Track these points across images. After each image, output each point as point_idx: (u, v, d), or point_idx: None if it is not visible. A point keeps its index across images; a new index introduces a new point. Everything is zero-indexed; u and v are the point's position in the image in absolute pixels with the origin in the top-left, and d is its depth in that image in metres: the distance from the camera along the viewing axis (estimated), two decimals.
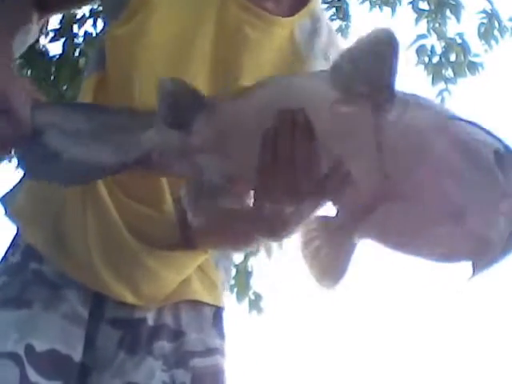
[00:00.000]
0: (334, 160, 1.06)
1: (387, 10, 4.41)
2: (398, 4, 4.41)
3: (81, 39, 4.12)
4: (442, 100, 4.33)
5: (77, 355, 1.40)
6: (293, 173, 1.08)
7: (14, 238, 1.50)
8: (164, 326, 1.46)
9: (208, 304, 1.51)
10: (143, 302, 1.44)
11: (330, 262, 1.11)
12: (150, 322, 1.45)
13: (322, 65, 1.40)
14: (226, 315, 1.55)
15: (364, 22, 4.64)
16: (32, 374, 1.34)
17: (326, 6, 4.56)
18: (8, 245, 1.50)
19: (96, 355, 1.42)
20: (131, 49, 1.35)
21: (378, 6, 4.42)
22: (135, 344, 1.43)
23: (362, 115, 1.06)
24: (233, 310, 4.39)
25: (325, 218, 1.12)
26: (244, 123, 1.14)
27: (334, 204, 1.11)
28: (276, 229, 1.24)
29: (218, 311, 1.52)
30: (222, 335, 1.52)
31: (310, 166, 1.08)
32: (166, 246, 1.43)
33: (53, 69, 4.06)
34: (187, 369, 1.45)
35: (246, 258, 4.36)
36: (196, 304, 1.50)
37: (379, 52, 1.04)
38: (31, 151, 1.27)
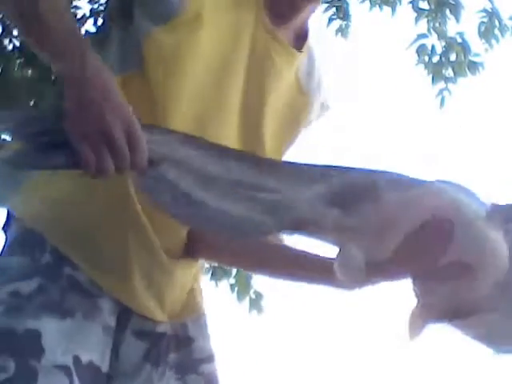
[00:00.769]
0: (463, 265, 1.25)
1: (387, 9, 4.41)
2: (398, 3, 4.40)
3: None
4: (442, 100, 4.33)
5: (105, 366, 1.41)
6: (418, 265, 1.28)
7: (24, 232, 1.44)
8: (176, 337, 1.52)
9: (204, 312, 1.58)
10: (166, 317, 1.50)
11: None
12: (168, 334, 1.51)
13: (317, 98, 1.60)
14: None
15: (364, 22, 4.65)
16: None
17: (326, 5, 4.56)
18: (16, 235, 1.44)
19: (118, 365, 1.44)
20: (179, 56, 1.39)
21: (378, 6, 4.42)
22: (159, 357, 1.48)
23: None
24: (233, 309, 4.40)
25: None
26: (401, 218, 1.25)
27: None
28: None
29: (206, 318, 1.59)
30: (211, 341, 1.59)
31: (435, 262, 1.27)
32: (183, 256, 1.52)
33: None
34: (198, 374, 1.51)
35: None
36: (198, 313, 1.58)
37: None
38: (152, 181, 1.26)
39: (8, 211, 1.50)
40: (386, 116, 5.77)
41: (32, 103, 4.11)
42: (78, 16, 4.12)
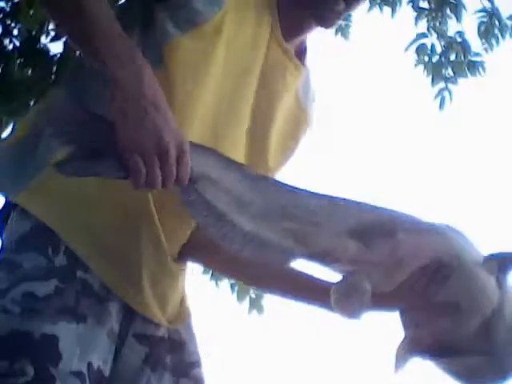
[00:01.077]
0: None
1: (387, 9, 4.40)
2: (398, 3, 4.40)
3: None
4: (442, 100, 4.32)
5: (108, 370, 1.41)
6: (412, 301, 1.39)
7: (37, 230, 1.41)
8: (171, 341, 1.53)
9: (191, 317, 1.60)
10: (165, 321, 1.51)
11: None
12: (165, 337, 1.53)
13: (312, 113, 1.66)
14: None
15: (364, 21, 4.64)
16: None
17: None
18: (25, 231, 1.40)
19: (117, 368, 1.44)
20: (199, 64, 1.42)
21: (377, 6, 4.41)
22: (158, 360, 1.50)
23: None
24: (233, 309, 4.40)
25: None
26: (412, 258, 1.37)
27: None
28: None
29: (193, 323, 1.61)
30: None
31: (427, 301, 1.39)
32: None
33: (54, 68, 4.06)
34: (190, 378, 1.53)
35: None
36: (189, 318, 1.60)
37: None
38: (190, 197, 1.30)
39: (7, 204, 1.47)
40: (385, 117, 5.76)
41: (32, 103, 4.11)
42: None
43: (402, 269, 1.36)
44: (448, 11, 4.38)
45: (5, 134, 3.81)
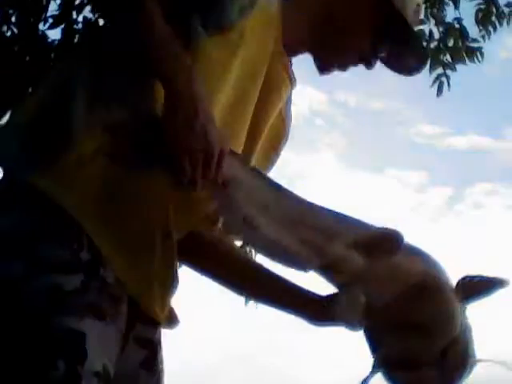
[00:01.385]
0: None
1: None
2: None
3: (80, 25, 4.11)
4: (440, 85, 4.33)
5: (113, 371, 1.36)
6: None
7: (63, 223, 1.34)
8: (159, 342, 1.54)
9: None
10: (163, 322, 1.52)
11: None
12: (160, 340, 1.54)
13: (289, 128, 1.68)
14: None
15: None
16: None
17: None
18: (41, 217, 1.33)
19: (116, 368, 1.41)
20: (219, 68, 1.45)
21: None
22: (153, 363, 1.50)
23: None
24: (230, 301, 4.39)
25: None
26: (404, 276, 1.44)
27: None
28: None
29: None
30: None
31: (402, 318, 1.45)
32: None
33: (52, 55, 4.06)
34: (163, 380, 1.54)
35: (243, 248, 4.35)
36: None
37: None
38: (222, 199, 1.38)
39: (15, 182, 1.37)
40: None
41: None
42: (77, 2, 4.11)
43: (394, 287, 1.42)
44: None
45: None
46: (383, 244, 1.40)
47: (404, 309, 1.41)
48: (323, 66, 1.62)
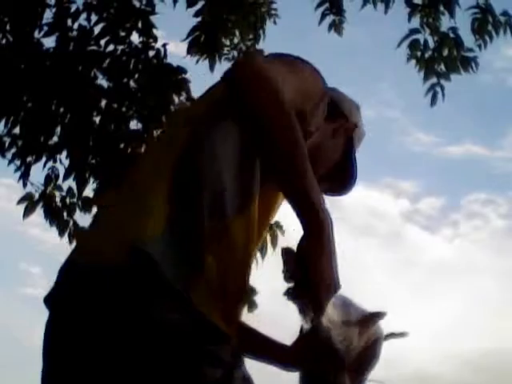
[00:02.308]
0: None
1: (381, 4, 4.39)
2: None
3: (75, 33, 4.12)
4: (435, 95, 4.32)
5: None
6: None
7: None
8: None
9: None
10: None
11: None
12: None
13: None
14: None
15: (357, 17, 4.64)
16: None
17: (319, 0, 4.55)
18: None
19: None
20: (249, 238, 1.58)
21: (371, 1, 4.40)
22: None
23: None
24: None
25: None
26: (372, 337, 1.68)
27: None
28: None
29: None
30: None
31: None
32: None
33: (47, 63, 4.07)
34: None
35: None
36: None
37: None
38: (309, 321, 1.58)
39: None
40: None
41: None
42: (72, 10, 4.12)
43: (361, 340, 1.66)
44: (441, 7, 4.38)
45: None
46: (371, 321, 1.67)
47: (361, 356, 1.65)
48: None
